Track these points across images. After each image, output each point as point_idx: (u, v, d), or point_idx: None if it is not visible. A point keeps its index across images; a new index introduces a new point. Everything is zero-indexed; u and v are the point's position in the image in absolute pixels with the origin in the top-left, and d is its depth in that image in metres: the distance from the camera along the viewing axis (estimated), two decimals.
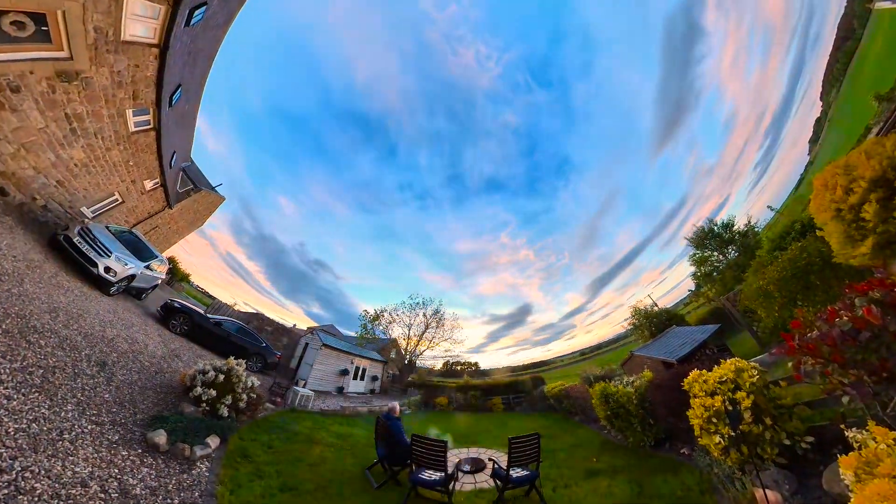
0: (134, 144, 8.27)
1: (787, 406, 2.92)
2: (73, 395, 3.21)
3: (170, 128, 9.70)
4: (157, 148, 9.17)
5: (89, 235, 6.22)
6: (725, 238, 14.07)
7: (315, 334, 15.57)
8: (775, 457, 2.76)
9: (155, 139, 8.85)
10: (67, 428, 2.77)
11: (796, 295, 4.61)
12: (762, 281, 5.18)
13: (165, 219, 13.98)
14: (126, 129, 7.53)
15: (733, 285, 10.80)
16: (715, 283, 13.57)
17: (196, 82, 10.98)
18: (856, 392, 2.02)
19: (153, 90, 7.26)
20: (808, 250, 4.61)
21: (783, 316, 4.82)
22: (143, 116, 7.88)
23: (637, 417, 5.11)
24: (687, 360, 6.16)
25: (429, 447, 3.71)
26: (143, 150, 8.85)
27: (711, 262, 14.33)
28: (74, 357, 3.77)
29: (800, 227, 7.36)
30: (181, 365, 6.03)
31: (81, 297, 5.39)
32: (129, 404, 3.73)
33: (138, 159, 8.90)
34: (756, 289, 5.30)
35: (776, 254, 6.29)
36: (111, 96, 6.42)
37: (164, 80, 7.10)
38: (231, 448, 4.12)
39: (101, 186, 8.23)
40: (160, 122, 8.30)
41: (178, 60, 7.75)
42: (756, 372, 3.13)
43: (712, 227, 14.58)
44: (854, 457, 1.67)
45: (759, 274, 5.56)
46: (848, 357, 2.05)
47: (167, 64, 6.76)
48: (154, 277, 8.62)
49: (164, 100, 7.77)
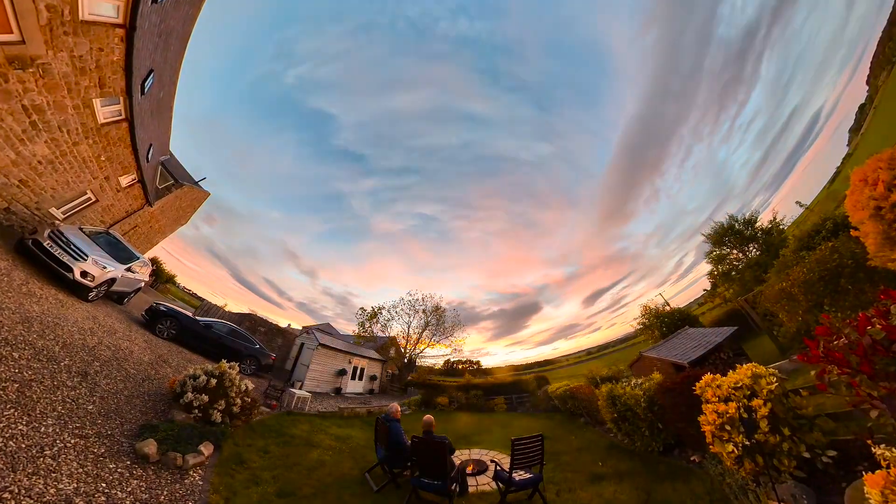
0: (105, 137, 7.92)
1: (808, 417, 2.83)
2: (52, 408, 3.14)
3: (144, 118, 9.31)
4: (131, 140, 8.81)
5: (61, 238, 6.01)
6: (747, 235, 13.42)
7: (311, 333, 15.59)
8: (793, 469, 2.67)
9: (128, 131, 8.48)
10: (48, 443, 2.71)
11: (823, 299, 4.38)
12: (786, 282, 5.00)
13: (145, 217, 13.62)
14: (94, 120, 7.18)
15: (753, 286, 10.36)
16: (733, 283, 13.13)
17: (170, 67, 10.48)
18: (886, 406, 1.95)
19: (122, 76, 6.89)
20: (839, 251, 4.34)
21: (807, 321, 4.61)
22: (113, 106, 7.51)
23: (645, 421, 5.05)
24: (700, 364, 6.07)
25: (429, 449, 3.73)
26: (116, 144, 8.49)
27: (730, 261, 13.78)
28: (52, 369, 3.68)
29: (831, 225, 6.85)
30: (170, 371, 5.98)
31: (57, 305, 5.26)
32: (116, 415, 3.68)
33: (111, 154, 8.55)
34: (778, 290, 5.12)
35: (803, 254, 6.03)
36: (74, 84, 6.06)
37: (134, 64, 6.72)
38: (225, 455, 4.12)
39: (70, 185, 7.92)
40: (132, 112, 7.93)
41: (148, 42, 7.34)
42: (775, 379, 3.02)
43: (732, 224, 13.89)
44: (882, 475, 1.59)
45: (782, 275, 5.37)
46: (879, 368, 1.96)
47: (135, 46, 6.39)
48: (136, 280, 8.46)
49: (135, 87, 7.39)
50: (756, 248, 13.20)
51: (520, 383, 14.83)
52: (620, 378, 8.03)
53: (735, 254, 13.80)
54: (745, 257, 13.46)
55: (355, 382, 15.83)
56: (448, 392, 14.13)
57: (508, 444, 3.87)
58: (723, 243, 14.06)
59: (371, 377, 17.33)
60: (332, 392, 13.94)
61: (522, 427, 8.92)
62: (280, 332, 16.17)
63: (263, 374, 10.76)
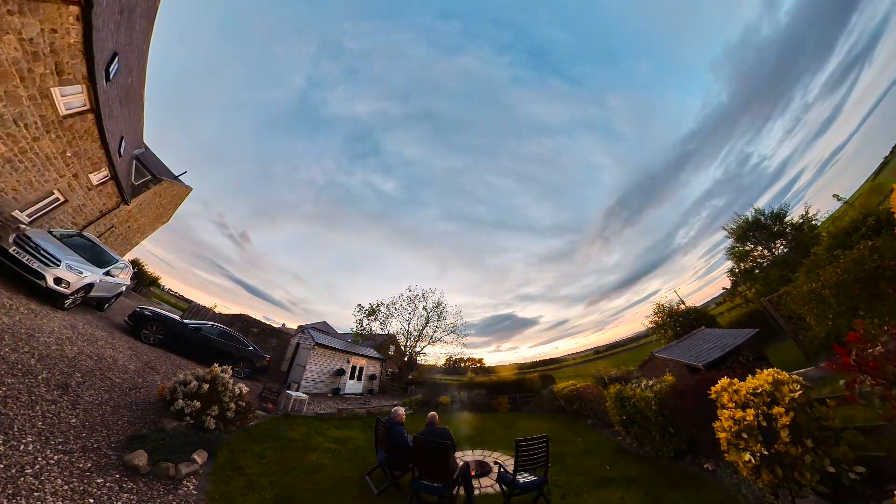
0: (69, 131, 7.56)
1: (835, 429, 2.71)
2: (31, 424, 3.09)
3: (112, 108, 8.89)
4: (100, 133, 8.43)
5: (29, 243, 5.79)
6: (774, 231, 12.66)
7: (307, 333, 15.63)
8: (816, 484, 2.57)
9: (95, 122, 8.10)
10: (29, 462, 2.67)
11: (858, 303, 4.13)
12: (816, 283, 4.72)
13: (122, 217, 13.27)
14: (55, 112, 6.82)
15: (778, 286, 9.88)
16: (756, 282, 12.53)
17: (137, 49, 9.94)
18: None
19: (82, 61, 6.49)
20: (881, 251, 4.08)
21: (838, 326, 4.40)
22: (75, 96, 7.13)
23: (656, 424, 4.98)
24: (716, 367, 5.93)
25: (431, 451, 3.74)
26: (82, 138, 8.12)
27: (754, 258, 13.10)
28: (29, 383, 3.61)
29: (873, 222, 6.35)
30: (158, 378, 5.95)
31: (29, 316, 5.14)
32: (102, 427, 3.65)
33: (77, 149, 8.19)
34: (807, 291, 4.85)
35: (838, 252, 5.65)
36: (27, 72, 5.71)
37: (94, 47, 6.32)
38: (221, 462, 4.14)
39: (34, 185, 7.61)
40: (98, 102, 7.55)
41: (109, 21, 6.89)
42: (799, 386, 2.93)
43: (758, 217, 13.16)
44: None
45: (812, 275, 5.10)
46: None
47: (94, 26, 5.98)
48: (117, 284, 8.30)
49: (99, 73, 7.00)
50: (784, 245, 12.49)
51: (524, 382, 14.83)
52: (630, 379, 7.92)
53: (760, 250, 13.07)
54: (770, 254, 12.75)
55: (354, 382, 16.01)
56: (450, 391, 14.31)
57: (512, 445, 3.88)
58: (747, 239, 13.32)
59: (370, 377, 17.53)
60: (330, 393, 14.11)
61: (527, 428, 8.94)
62: (274, 333, 16.16)
63: (258, 376, 10.81)
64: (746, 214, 13.74)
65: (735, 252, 13.80)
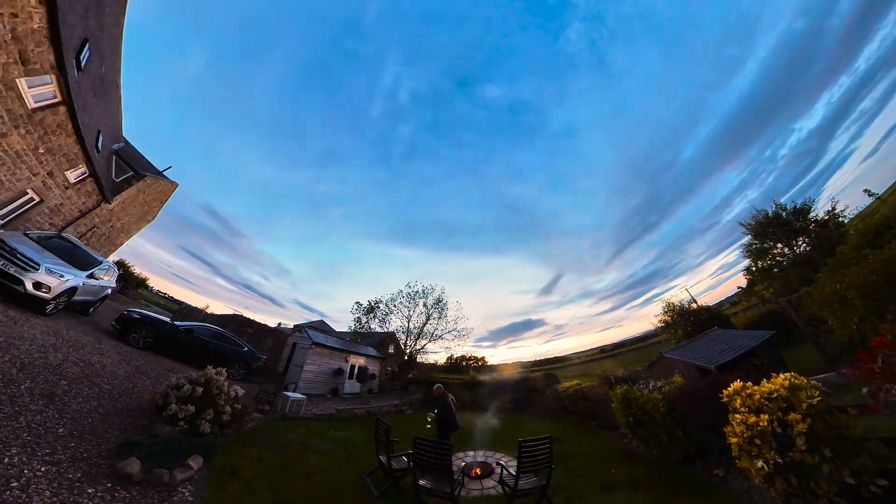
0: (39, 125, 7.30)
1: (855, 438, 2.64)
2: (16, 436, 3.05)
3: (85, 99, 8.59)
4: (74, 127, 8.16)
5: (4, 247, 5.66)
6: (796, 227, 12.17)
7: (304, 332, 15.65)
8: (833, 496, 2.51)
9: (68, 116, 7.83)
10: (14, 474, 2.64)
11: (886, 306, 3.95)
12: (840, 284, 4.56)
13: (104, 216, 13.01)
14: (22, 105, 6.57)
15: (798, 286, 9.67)
16: (774, 282, 12.23)
17: (108, 34, 9.55)
18: None
19: (49, 49, 6.21)
20: None
21: (863, 330, 4.24)
22: (45, 87, 6.86)
23: (664, 427, 4.95)
24: (728, 369, 5.86)
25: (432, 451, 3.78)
26: (55, 132, 7.85)
27: (773, 256, 12.65)
28: (11, 393, 3.57)
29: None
30: (149, 383, 5.92)
31: (8, 323, 5.06)
32: (91, 435, 3.62)
33: (50, 144, 7.93)
34: (830, 293, 4.67)
35: (866, 252, 5.45)
36: None
37: (62, 33, 6.03)
38: (216, 466, 4.15)
39: (5, 184, 7.39)
40: (70, 93, 7.27)
41: (76, 4, 6.56)
42: (817, 392, 2.86)
43: (779, 213, 12.66)
44: None
45: (837, 275, 4.88)
46: None
47: (59, 9, 5.69)
48: (101, 287, 8.19)
49: (69, 61, 6.71)
50: (806, 244, 11.98)
51: (528, 381, 14.89)
52: (637, 379, 7.83)
53: (780, 248, 12.61)
54: (791, 253, 12.27)
55: (353, 382, 16.13)
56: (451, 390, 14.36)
57: (515, 446, 3.90)
58: (766, 235, 12.81)
59: (370, 376, 17.67)
60: (328, 393, 14.22)
61: (530, 428, 8.98)
62: (270, 333, 16.18)
63: (254, 378, 10.85)
64: (766, 209, 13.28)
65: (752, 249, 13.34)
